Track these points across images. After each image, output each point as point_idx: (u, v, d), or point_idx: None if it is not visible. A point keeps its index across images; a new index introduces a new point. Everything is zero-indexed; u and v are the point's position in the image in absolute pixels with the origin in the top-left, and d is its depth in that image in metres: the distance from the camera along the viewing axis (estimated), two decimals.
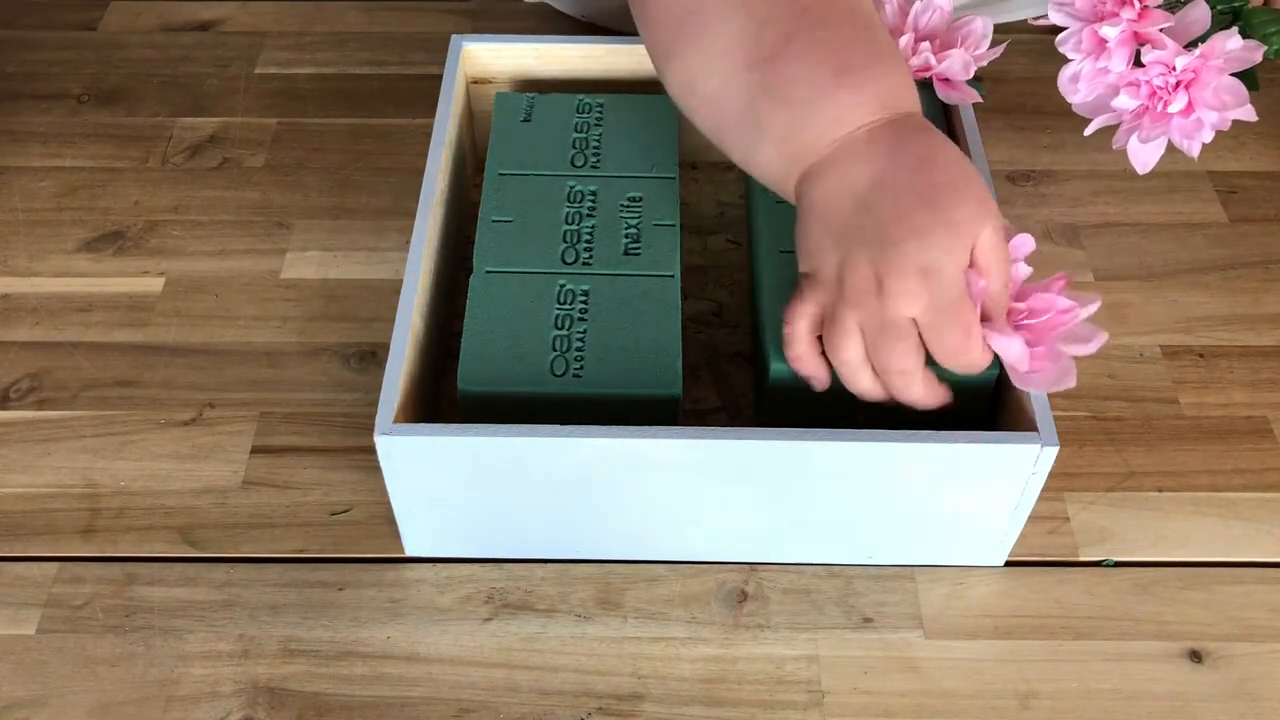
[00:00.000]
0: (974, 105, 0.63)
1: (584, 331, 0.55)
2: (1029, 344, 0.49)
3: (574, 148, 0.63)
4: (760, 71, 0.50)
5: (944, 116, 0.64)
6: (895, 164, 0.48)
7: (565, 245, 0.58)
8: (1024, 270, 0.50)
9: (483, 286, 0.56)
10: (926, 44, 0.63)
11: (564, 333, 0.55)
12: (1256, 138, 0.75)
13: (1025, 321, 0.50)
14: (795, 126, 0.50)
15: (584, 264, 0.57)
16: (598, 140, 0.63)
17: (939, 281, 0.47)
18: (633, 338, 0.54)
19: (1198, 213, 0.71)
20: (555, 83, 0.69)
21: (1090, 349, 0.49)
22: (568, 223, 0.59)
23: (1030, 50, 0.76)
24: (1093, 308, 0.49)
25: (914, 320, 0.48)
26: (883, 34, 0.52)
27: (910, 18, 0.64)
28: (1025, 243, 0.50)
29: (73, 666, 0.52)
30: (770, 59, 0.50)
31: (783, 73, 0.50)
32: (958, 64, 0.63)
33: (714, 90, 0.52)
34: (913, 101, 0.51)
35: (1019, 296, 0.51)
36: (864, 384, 0.50)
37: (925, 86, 0.64)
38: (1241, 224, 0.71)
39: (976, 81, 0.64)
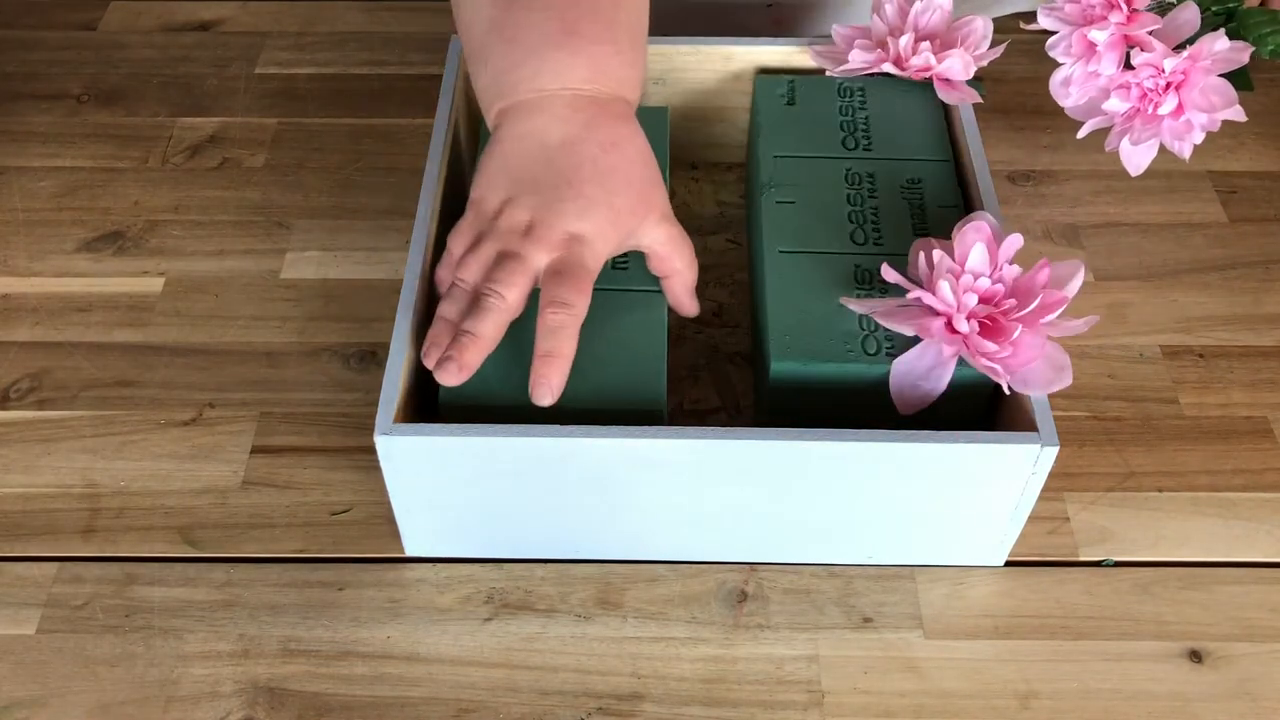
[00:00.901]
0: (974, 105, 0.63)
1: None
2: (1022, 335, 0.50)
3: None
4: (500, 9, 0.55)
5: (944, 116, 0.64)
6: (586, 137, 0.54)
7: None
8: (1013, 270, 0.52)
9: None
10: (926, 44, 0.63)
11: None
12: (1256, 138, 0.75)
13: (1017, 314, 0.50)
14: (511, 64, 0.55)
15: None
16: None
17: (580, 248, 0.52)
18: (617, 349, 0.54)
19: (1198, 213, 0.71)
20: None
21: (1082, 328, 0.51)
22: None
23: (1030, 50, 0.76)
24: (1078, 279, 0.52)
25: (537, 270, 0.52)
26: (631, 26, 0.56)
27: (910, 18, 0.64)
28: (1015, 242, 0.52)
29: (73, 666, 0.52)
30: (512, 2, 0.55)
31: (516, 17, 0.55)
32: (958, 64, 0.63)
33: (466, 18, 0.57)
34: (630, 91, 0.56)
35: (1011, 293, 0.51)
36: (454, 307, 0.52)
37: (925, 87, 0.65)
38: (1241, 224, 0.71)
39: (976, 81, 0.64)
